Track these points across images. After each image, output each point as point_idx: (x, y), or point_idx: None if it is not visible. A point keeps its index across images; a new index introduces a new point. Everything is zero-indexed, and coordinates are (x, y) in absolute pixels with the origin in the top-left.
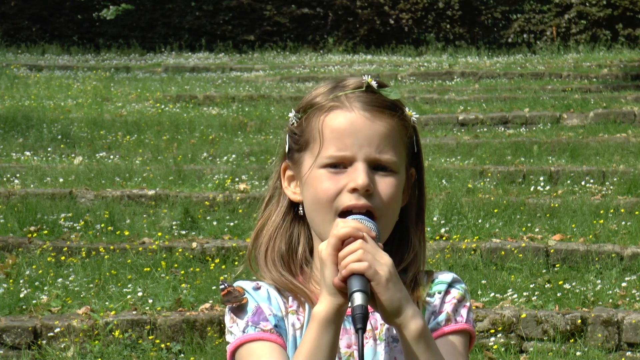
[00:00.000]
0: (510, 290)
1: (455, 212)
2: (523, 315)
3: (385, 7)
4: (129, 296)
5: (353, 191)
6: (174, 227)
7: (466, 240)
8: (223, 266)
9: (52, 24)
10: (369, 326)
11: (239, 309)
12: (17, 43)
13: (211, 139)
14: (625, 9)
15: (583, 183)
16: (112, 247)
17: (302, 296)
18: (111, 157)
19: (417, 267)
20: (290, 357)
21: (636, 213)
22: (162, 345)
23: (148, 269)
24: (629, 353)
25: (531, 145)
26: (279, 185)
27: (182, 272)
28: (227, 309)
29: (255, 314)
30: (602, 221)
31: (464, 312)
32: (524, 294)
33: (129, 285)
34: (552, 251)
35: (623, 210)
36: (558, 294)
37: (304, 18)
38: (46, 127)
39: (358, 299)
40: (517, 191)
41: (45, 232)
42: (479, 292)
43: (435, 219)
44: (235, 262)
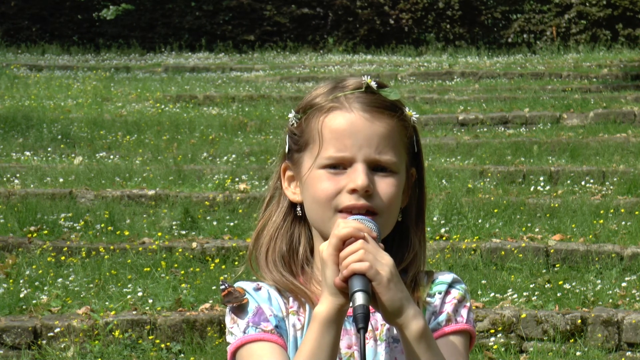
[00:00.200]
0: (510, 290)
1: (455, 212)
2: (523, 315)
3: (385, 7)
4: (129, 296)
5: (352, 192)
6: (174, 227)
7: (466, 240)
8: (223, 266)
9: (52, 24)
10: (370, 326)
11: (240, 310)
12: (17, 43)
13: (211, 139)
14: (625, 9)
15: (583, 183)
16: (112, 247)
17: (303, 297)
18: (111, 157)
19: (417, 267)
20: (290, 358)
21: (636, 213)
22: (162, 345)
23: (148, 269)
24: (629, 353)
25: (531, 145)
26: (279, 185)
27: (182, 272)
28: (228, 310)
29: (256, 315)
30: (602, 221)
31: (464, 313)
32: (524, 294)
33: (129, 285)
34: (552, 251)
35: (623, 210)
36: (558, 294)
37: (304, 18)
38: (46, 127)
39: (359, 299)
40: (517, 191)
41: (45, 232)
42: (479, 292)
43: (435, 219)
44: (235, 262)
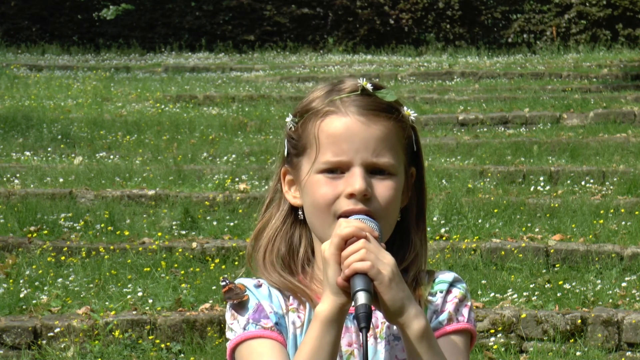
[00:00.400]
0: (510, 290)
1: (455, 212)
2: (523, 315)
3: (385, 7)
4: (129, 296)
5: (350, 196)
6: (174, 227)
7: (466, 240)
8: (223, 266)
9: (52, 24)
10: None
11: (240, 306)
12: (17, 43)
13: (211, 139)
14: (625, 9)
15: (583, 183)
16: (112, 247)
17: (303, 295)
18: (111, 157)
19: (418, 267)
20: (290, 355)
21: (636, 213)
22: (162, 345)
23: (148, 269)
24: (629, 353)
25: (531, 145)
26: (279, 188)
27: (182, 272)
28: (228, 306)
29: (256, 311)
30: (602, 221)
31: (465, 312)
32: (524, 294)
33: (129, 285)
34: (552, 251)
35: (623, 210)
36: (558, 294)
37: (304, 18)
38: (46, 127)
39: (361, 298)
40: (517, 191)
41: (45, 232)
42: (479, 292)
43: (435, 219)
44: (235, 262)
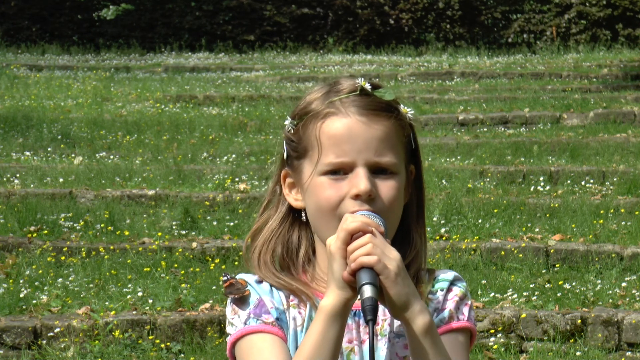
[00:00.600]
0: (510, 290)
1: (455, 212)
2: (523, 315)
3: (385, 7)
4: (129, 296)
5: (356, 197)
6: (174, 227)
7: (466, 240)
8: (223, 266)
9: (52, 24)
10: None
11: (241, 301)
12: (17, 43)
13: (211, 139)
14: (625, 9)
15: (583, 183)
16: (112, 247)
17: (301, 294)
18: (111, 157)
19: (419, 264)
20: (290, 351)
21: (636, 213)
22: (162, 345)
23: (148, 269)
24: (629, 353)
25: (531, 145)
26: (278, 191)
27: (182, 272)
28: (229, 301)
29: (257, 306)
30: (602, 221)
31: (466, 310)
32: (524, 294)
33: (129, 285)
34: (552, 251)
35: (623, 210)
36: (558, 294)
37: (304, 18)
38: (46, 127)
39: (368, 292)
40: (517, 191)
41: (45, 232)
42: (479, 292)
43: (435, 219)
44: (235, 262)
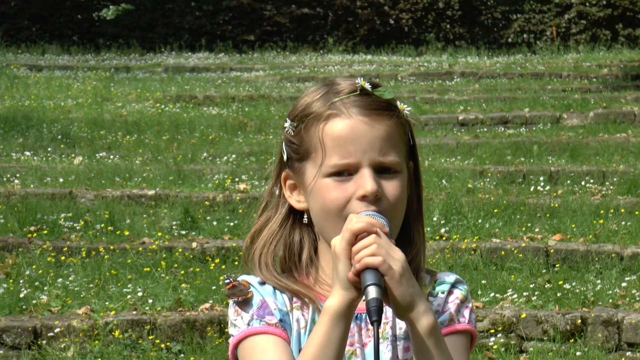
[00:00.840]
0: (510, 290)
1: (455, 212)
2: (523, 315)
3: (385, 7)
4: (129, 296)
5: (363, 198)
6: (174, 227)
7: (466, 240)
8: (223, 266)
9: (52, 24)
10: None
11: (244, 303)
12: (17, 43)
13: (211, 139)
14: (625, 9)
15: (583, 183)
16: (112, 247)
17: (304, 297)
18: (111, 157)
19: (418, 263)
20: (293, 353)
21: (636, 213)
22: (162, 345)
23: (148, 269)
24: (629, 353)
25: (531, 145)
26: (276, 192)
27: (182, 272)
28: (232, 302)
29: (260, 308)
30: (602, 221)
31: (467, 313)
32: (524, 294)
33: (129, 285)
34: (552, 251)
35: (623, 210)
36: (558, 294)
37: (304, 18)
38: (46, 127)
39: (373, 293)
40: (517, 191)
41: (45, 232)
42: (479, 292)
43: (435, 219)
44: (235, 262)
